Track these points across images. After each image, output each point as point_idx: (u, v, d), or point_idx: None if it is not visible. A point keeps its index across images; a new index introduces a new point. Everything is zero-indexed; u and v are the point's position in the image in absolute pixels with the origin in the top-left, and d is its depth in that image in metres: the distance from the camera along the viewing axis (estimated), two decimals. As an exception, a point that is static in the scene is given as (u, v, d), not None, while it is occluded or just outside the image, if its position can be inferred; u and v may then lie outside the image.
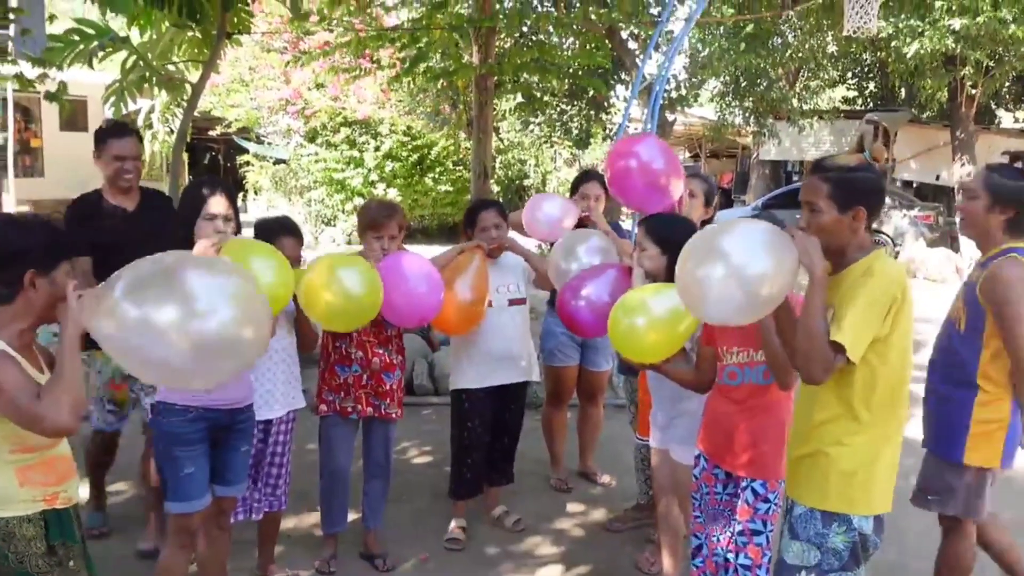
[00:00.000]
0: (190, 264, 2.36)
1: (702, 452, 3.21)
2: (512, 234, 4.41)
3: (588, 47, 10.48)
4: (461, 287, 3.99)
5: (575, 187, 4.83)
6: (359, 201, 17.46)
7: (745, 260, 2.38)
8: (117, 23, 6.70)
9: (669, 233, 3.23)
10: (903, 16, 14.71)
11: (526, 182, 24.08)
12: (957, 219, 5.13)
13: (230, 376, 2.45)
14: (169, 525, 3.30)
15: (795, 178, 24.77)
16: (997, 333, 3.08)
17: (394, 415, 4.05)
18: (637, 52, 13.41)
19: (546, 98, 14.94)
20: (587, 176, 4.84)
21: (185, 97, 7.19)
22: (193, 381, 2.37)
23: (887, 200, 16.99)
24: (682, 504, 3.55)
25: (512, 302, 4.34)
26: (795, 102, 19.02)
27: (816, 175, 2.54)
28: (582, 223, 4.50)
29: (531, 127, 18.32)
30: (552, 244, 4.41)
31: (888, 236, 16.55)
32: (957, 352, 3.25)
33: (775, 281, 2.38)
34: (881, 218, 15.89)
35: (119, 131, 4.14)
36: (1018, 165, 3.26)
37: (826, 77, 21.63)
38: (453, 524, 4.42)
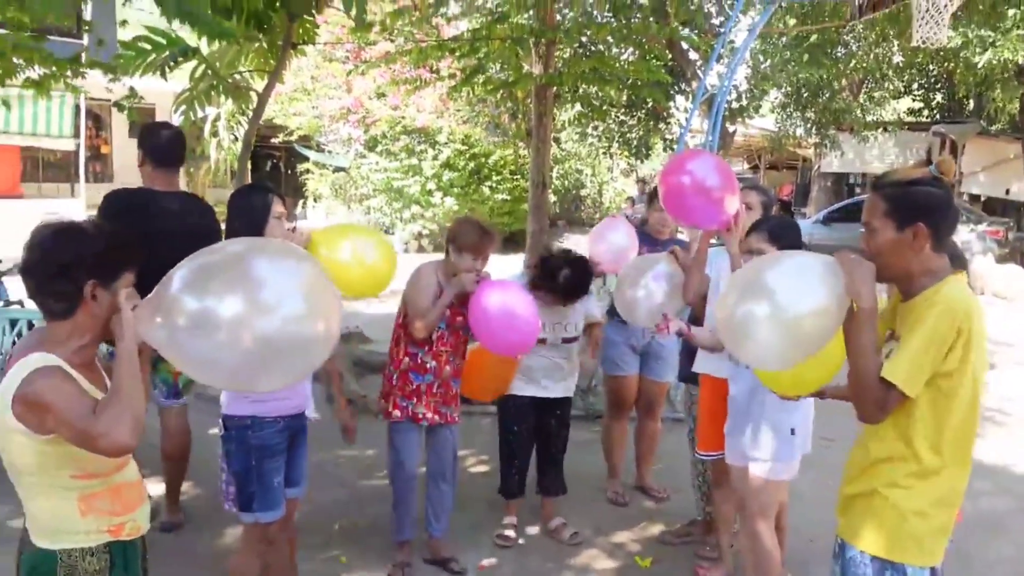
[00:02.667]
0: (255, 252, 2.13)
1: None
2: None
3: (648, 58, 10.43)
4: (493, 367, 4.21)
5: (651, 199, 4.97)
6: (416, 210, 17.58)
7: (788, 298, 2.26)
8: (186, 32, 6.84)
9: (782, 233, 3.31)
10: (973, 26, 14.38)
11: (582, 192, 24.04)
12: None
13: (298, 377, 2.28)
14: (247, 533, 3.35)
15: (858, 191, 24.31)
16: None
17: (457, 418, 4.15)
18: (698, 63, 13.30)
19: (605, 108, 14.88)
20: None
21: (251, 106, 7.31)
22: (258, 383, 2.16)
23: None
24: (778, 520, 3.50)
25: (566, 340, 4.46)
26: (859, 113, 18.66)
27: (874, 192, 2.35)
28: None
29: (589, 137, 18.27)
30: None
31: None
32: None
33: (821, 319, 2.24)
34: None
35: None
36: None
37: (891, 88, 21.18)
38: (505, 521, 4.51)
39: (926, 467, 2.28)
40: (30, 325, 5.35)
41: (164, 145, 4.21)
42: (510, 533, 4.47)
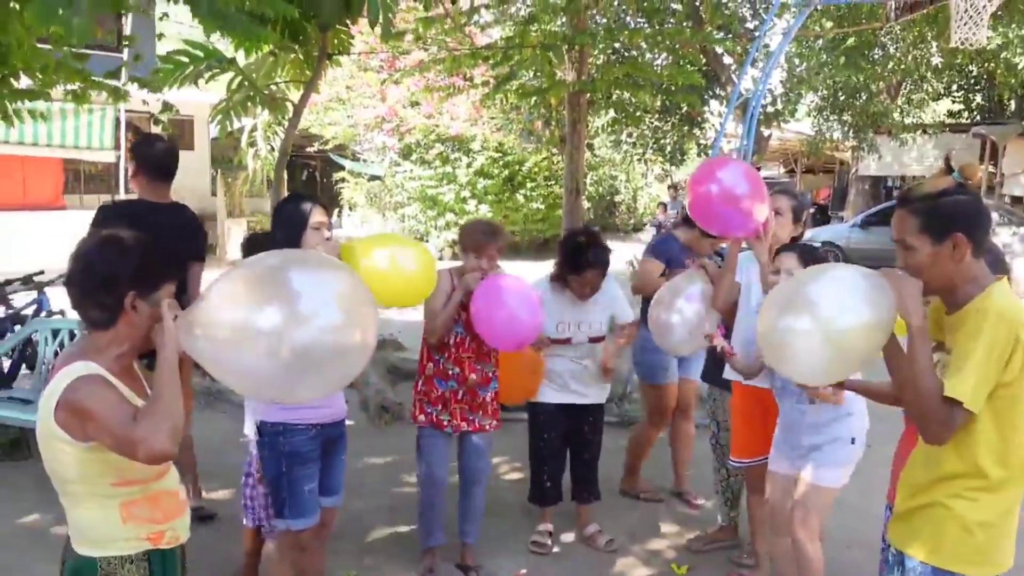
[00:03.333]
0: (292, 264, 2.17)
1: (888, 502, 2.94)
2: None
3: (681, 63, 10.40)
4: (519, 371, 4.21)
5: (687, 219, 4.90)
6: (451, 217, 17.65)
7: (834, 312, 2.23)
8: (223, 44, 6.94)
9: (812, 260, 3.25)
10: (1013, 26, 14.15)
11: (617, 198, 24.00)
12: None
13: (337, 387, 2.33)
14: (280, 540, 3.37)
15: (895, 194, 24.03)
16: None
17: (488, 426, 4.11)
18: (732, 67, 13.23)
19: (639, 114, 14.85)
20: None
21: (287, 116, 7.39)
22: (297, 393, 2.19)
23: (995, 216, 16.33)
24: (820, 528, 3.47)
25: (593, 339, 4.42)
26: (897, 116, 18.43)
27: (901, 209, 2.28)
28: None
29: (623, 144, 18.23)
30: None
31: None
32: None
33: (868, 335, 2.21)
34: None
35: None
36: None
37: (930, 90, 20.89)
38: (539, 528, 4.49)
39: (993, 481, 2.21)
40: (71, 335, 5.45)
41: (158, 157, 4.25)
42: (545, 540, 4.45)
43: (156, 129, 8.81)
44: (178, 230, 4.19)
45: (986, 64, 18.08)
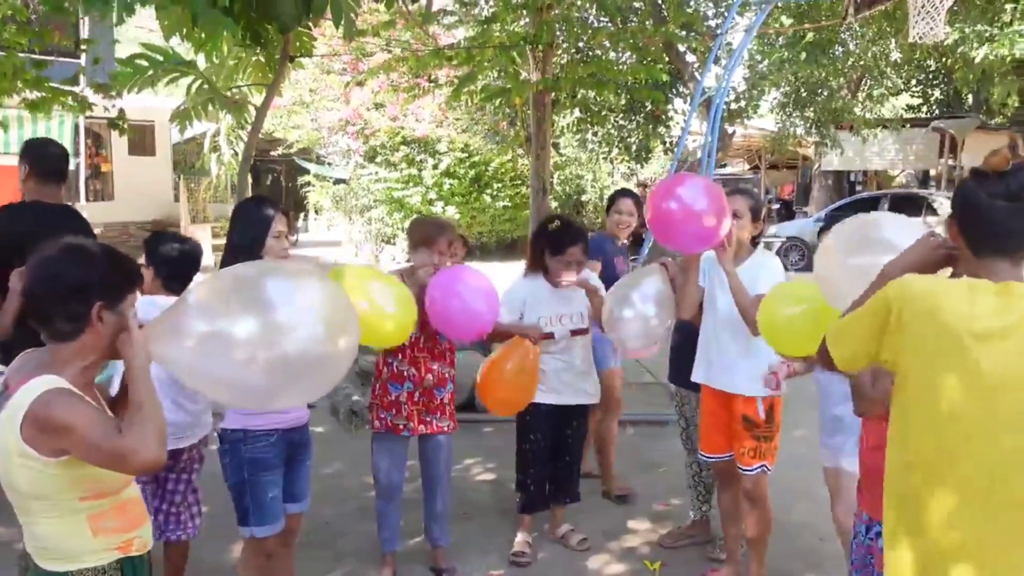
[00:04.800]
0: (267, 273, 2.17)
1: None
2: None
3: (645, 61, 10.45)
4: (511, 379, 4.04)
5: (611, 202, 5.19)
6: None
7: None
8: (183, 48, 6.87)
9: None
10: (970, 21, 14.38)
11: (584, 197, 24.06)
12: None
13: (314, 395, 2.29)
14: (245, 547, 3.34)
15: (858, 188, 24.34)
16: None
17: (446, 427, 4.04)
18: (695, 65, 13.31)
19: (604, 113, 14.90)
20: (620, 193, 5.25)
21: (249, 119, 7.33)
22: (276, 400, 2.18)
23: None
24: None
25: (575, 332, 4.32)
26: (858, 111, 18.67)
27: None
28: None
29: (588, 143, 18.30)
30: None
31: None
32: None
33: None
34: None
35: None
36: None
37: (890, 85, 21.19)
38: (519, 538, 4.40)
39: None
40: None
41: (50, 160, 4.17)
42: (525, 550, 4.35)
43: (115, 135, 8.68)
44: (71, 232, 4.10)
45: (944, 59, 18.36)
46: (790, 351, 3.17)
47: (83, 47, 6.08)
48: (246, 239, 3.18)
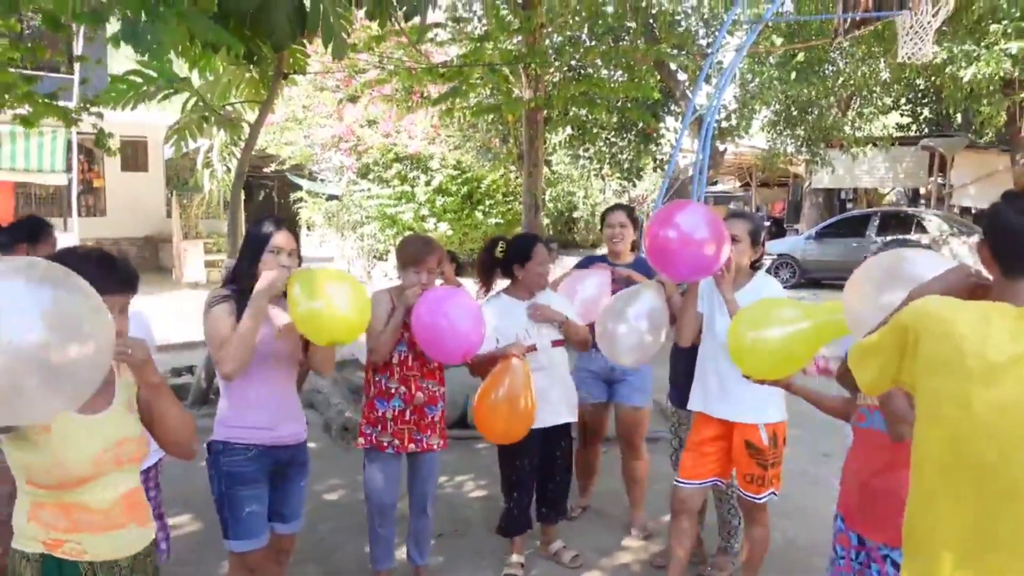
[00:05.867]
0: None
1: (839, 511, 2.84)
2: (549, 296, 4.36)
3: (637, 80, 10.52)
4: (505, 406, 3.87)
5: (603, 219, 5.06)
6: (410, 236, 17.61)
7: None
8: (177, 65, 6.90)
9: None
10: (958, 41, 14.52)
11: (575, 214, 24.13)
12: None
13: (73, 399, 1.98)
14: (229, 561, 3.33)
15: (849, 206, 24.46)
16: None
17: (436, 446, 4.01)
18: (687, 83, 13.41)
19: (596, 130, 14.97)
20: (615, 207, 5.07)
21: (243, 136, 7.35)
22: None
23: (945, 227, 16.70)
24: None
25: (555, 343, 4.29)
26: (848, 129, 18.80)
27: None
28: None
29: (580, 160, 18.37)
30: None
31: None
32: None
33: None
34: (939, 243, 15.62)
35: None
36: None
37: (880, 104, 21.35)
38: (513, 559, 4.38)
39: None
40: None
41: None
42: (518, 572, 4.33)
43: (103, 153, 8.69)
44: None
45: (933, 78, 18.50)
46: (756, 374, 3.08)
47: (76, 63, 6.13)
48: (244, 254, 3.23)
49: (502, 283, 4.42)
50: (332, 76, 15.86)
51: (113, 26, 4.28)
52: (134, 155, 18.80)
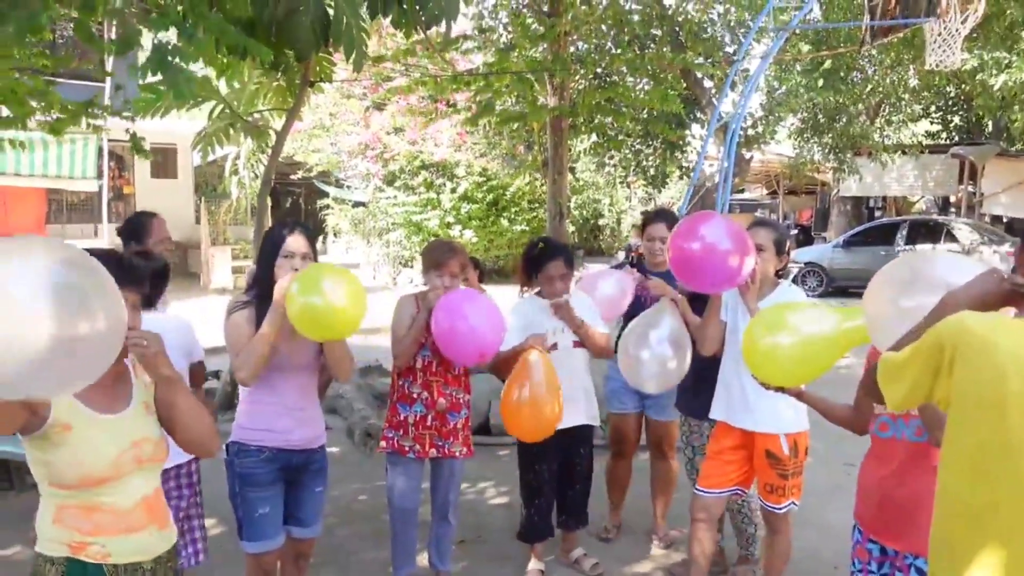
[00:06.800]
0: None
1: (856, 522, 2.78)
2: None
3: (662, 87, 10.50)
4: (536, 392, 3.82)
5: (642, 227, 4.75)
6: (435, 242, 17.65)
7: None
8: (205, 73, 6.98)
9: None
10: (989, 48, 14.37)
11: (601, 221, 24.11)
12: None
13: (73, 382, 1.97)
14: (247, 562, 3.36)
15: (877, 214, 24.24)
16: None
17: (459, 453, 4.01)
18: (713, 91, 13.36)
19: (621, 138, 14.95)
20: (656, 216, 4.70)
21: (270, 143, 7.41)
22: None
23: (975, 236, 16.50)
24: None
25: (577, 344, 4.25)
26: (876, 137, 18.64)
27: None
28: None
29: (606, 167, 18.35)
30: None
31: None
32: None
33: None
34: (970, 252, 15.43)
35: None
36: None
37: (909, 111, 21.15)
38: (532, 566, 4.36)
39: None
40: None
41: None
42: None
43: (137, 159, 8.80)
44: None
45: (963, 85, 18.32)
46: (773, 381, 3.02)
47: (108, 72, 6.21)
48: (261, 259, 3.29)
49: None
50: (359, 84, 15.97)
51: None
52: (163, 162, 19.03)
